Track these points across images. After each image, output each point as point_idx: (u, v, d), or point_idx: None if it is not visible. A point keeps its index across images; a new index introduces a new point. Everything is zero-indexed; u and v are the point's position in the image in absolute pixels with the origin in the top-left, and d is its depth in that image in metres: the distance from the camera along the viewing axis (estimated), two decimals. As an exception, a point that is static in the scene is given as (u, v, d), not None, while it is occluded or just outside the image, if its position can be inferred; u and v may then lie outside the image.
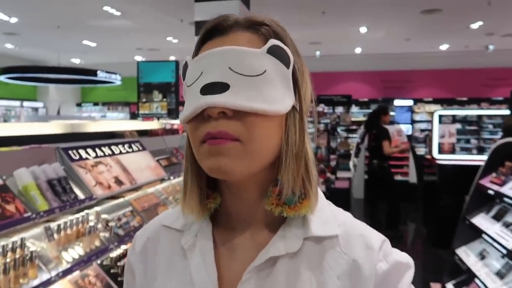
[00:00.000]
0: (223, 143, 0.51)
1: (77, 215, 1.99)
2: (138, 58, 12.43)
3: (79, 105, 15.27)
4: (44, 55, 13.07)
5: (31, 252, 1.63)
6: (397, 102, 11.29)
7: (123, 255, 2.21)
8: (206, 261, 0.58)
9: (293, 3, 7.04)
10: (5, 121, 11.34)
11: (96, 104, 15.11)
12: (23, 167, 1.81)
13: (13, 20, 8.64)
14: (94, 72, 10.22)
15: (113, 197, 2.33)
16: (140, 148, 2.80)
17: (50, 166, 1.95)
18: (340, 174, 6.35)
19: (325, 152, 5.99)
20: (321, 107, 7.16)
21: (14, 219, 1.59)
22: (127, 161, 2.53)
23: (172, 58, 12.09)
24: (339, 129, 7.47)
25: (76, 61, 14.42)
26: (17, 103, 13.40)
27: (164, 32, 9.75)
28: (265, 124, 0.52)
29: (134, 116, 11.97)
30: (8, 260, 1.53)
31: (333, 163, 6.28)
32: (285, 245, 0.56)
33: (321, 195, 0.61)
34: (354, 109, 11.89)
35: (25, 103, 13.74)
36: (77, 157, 2.17)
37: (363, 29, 9.25)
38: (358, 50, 12.02)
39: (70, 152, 2.15)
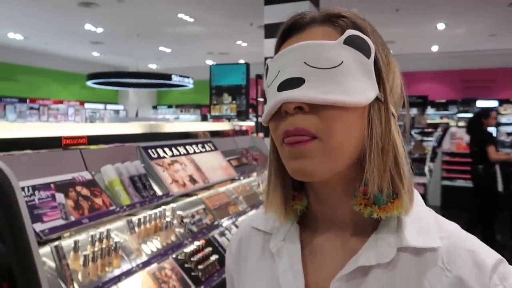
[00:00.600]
0: (303, 144, 0.50)
1: (155, 211, 2.10)
2: (209, 62, 12.90)
3: (154, 107, 16.28)
4: (125, 62, 14.15)
5: (116, 243, 1.74)
6: (479, 103, 10.44)
7: (197, 251, 2.28)
8: (293, 266, 0.57)
9: (365, 1, 6.83)
10: (91, 122, 12.42)
11: (170, 106, 16.00)
12: (108, 164, 1.95)
13: (99, 30, 9.46)
14: (169, 76, 10.84)
15: (187, 195, 2.43)
16: (213, 148, 2.88)
17: (132, 163, 2.08)
18: (415, 179, 6.02)
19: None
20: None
21: (102, 211, 1.72)
22: (200, 160, 2.61)
23: (241, 61, 12.41)
24: (413, 132, 7.10)
25: (152, 67, 15.38)
26: (101, 106, 14.67)
27: (234, 36, 10.02)
28: (344, 118, 0.50)
29: (204, 118, 12.44)
30: (96, 249, 1.66)
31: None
32: (377, 254, 0.52)
33: (418, 198, 0.56)
34: (430, 110, 11.24)
35: (108, 106, 14.99)
36: (156, 155, 2.30)
37: (440, 26, 8.70)
38: (434, 48, 11.33)
39: (149, 151, 2.27)
